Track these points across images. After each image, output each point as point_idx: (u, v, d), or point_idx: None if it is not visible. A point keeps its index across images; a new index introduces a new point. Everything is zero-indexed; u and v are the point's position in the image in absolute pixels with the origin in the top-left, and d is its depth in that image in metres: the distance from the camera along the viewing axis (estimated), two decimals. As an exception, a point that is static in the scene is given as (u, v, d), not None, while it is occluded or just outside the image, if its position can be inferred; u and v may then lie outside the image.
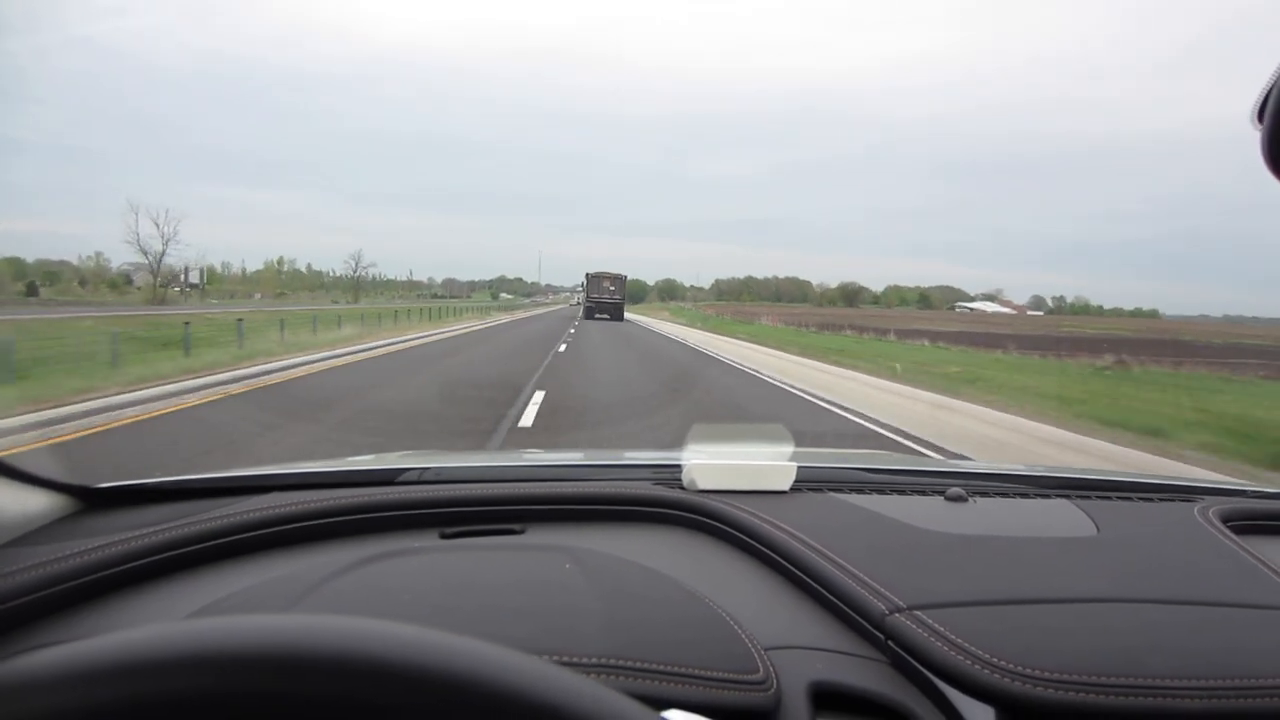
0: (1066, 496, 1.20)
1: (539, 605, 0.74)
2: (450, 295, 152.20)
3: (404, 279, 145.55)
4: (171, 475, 1.13)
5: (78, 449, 5.52)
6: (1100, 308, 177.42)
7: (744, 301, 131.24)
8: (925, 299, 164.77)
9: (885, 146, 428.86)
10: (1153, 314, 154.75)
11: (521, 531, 1.02)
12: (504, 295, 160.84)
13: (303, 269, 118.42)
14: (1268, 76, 0.56)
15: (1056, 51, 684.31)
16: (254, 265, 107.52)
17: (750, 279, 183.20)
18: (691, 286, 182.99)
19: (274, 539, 0.94)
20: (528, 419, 7.30)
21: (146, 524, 0.90)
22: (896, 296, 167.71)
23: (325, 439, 6.19)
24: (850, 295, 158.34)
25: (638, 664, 0.63)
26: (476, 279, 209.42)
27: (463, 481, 1.16)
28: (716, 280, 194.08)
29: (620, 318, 41.05)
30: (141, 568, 0.84)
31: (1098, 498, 1.21)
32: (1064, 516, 1.10)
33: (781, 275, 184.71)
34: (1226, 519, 1.08)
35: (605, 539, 1.00)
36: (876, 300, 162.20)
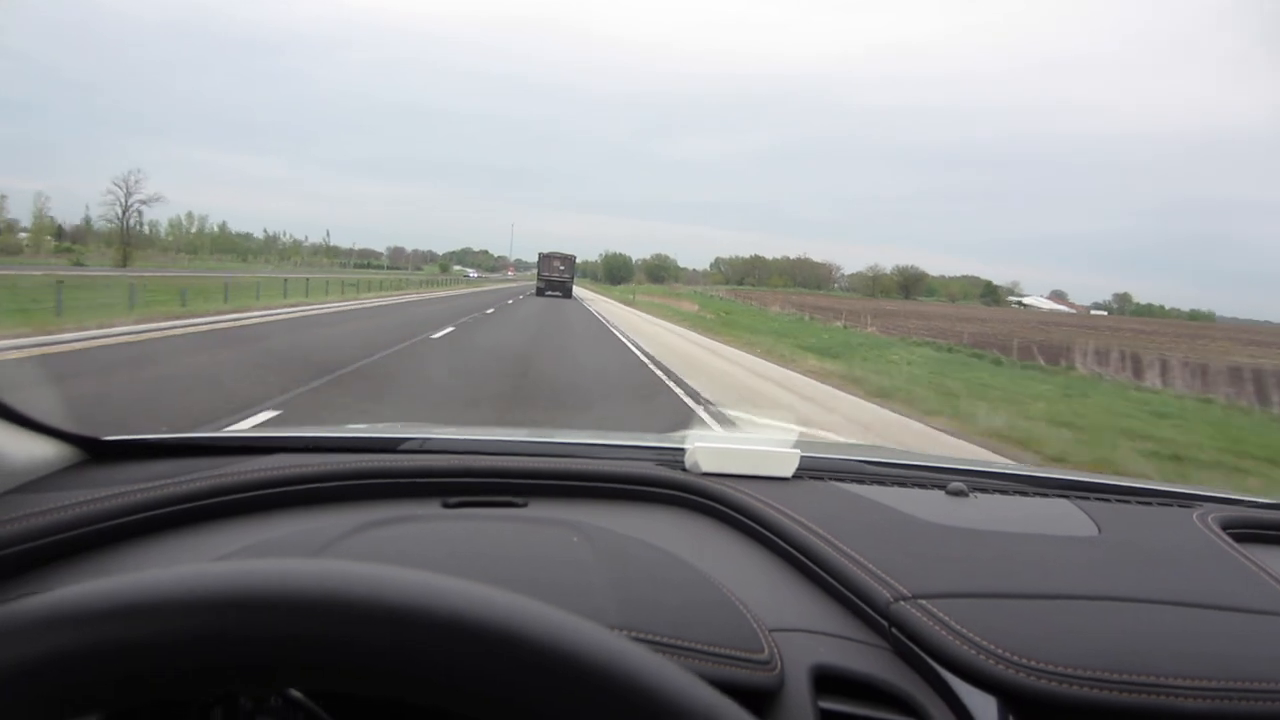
0: (1066, 497, 1.18)
1: (546, 576, 0.74)
2: (392, 266, 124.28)
3: (319, 241, 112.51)
4: (179, 432, 1.13)
5: None
6: (1162, 308, 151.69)
7: (775, 287, 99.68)
8: (992, 292, 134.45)
9: (886, 138, 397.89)
10: (1209, 317, 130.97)
11: (524, 505, 1.01)
12: (456, 268, 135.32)
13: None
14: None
15: (1073, 53, 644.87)
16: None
17: (758, 258, 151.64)
18: (682, 267, 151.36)
19: (279, 499, 0.94)
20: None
21: (152, 477, 0.89)
22: (960, 289, 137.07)
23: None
24: (909, 284, 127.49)
25: (644, 636, 0.62)
26: (445, 250, 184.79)
27: (465, 453, 1.13)
28: (717, 258, 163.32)
29: (569, 294, 44.59)
30: (146, 520, 0.83)
31: (1097, 499, 1.19)
32: (1065, 515, 1.08)
33: (792, 256, 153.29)
34: (1226, 526, 1.06)
35: (608, 516, 0.98)
36: (934, 290, 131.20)
